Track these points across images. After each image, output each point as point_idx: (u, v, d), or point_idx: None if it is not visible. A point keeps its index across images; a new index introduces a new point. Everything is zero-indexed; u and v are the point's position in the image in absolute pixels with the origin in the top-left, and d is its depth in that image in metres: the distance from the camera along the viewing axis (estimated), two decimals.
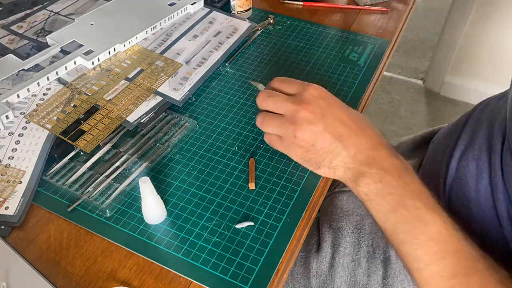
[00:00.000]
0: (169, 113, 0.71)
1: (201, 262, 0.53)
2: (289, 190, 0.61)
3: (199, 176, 0.63)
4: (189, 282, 0.52)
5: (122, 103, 0.70)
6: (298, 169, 0.63)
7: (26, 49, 0.80)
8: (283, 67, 0.81)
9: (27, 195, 0.59)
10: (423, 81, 2.15)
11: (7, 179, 0.60)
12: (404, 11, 0.96)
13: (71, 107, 0.69)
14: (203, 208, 0.59)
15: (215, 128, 0.70)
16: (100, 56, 0.77)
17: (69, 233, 0.57)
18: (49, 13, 0.89)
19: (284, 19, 0.92)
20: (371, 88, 0.78)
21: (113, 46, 0.78)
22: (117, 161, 0.64)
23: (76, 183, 0.61)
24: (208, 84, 0.77)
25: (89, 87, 0.72)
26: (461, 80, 1.98)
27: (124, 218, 0.58)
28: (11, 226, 0.57)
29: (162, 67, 0.77)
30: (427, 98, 2.06)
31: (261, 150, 0.66)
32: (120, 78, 0.74)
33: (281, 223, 0.57)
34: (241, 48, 0.85)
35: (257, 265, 0.53)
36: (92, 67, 0.76)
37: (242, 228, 0.56)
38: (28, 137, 0.65)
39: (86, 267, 0.54)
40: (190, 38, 0.84)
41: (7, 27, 0.85)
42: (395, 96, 2.06)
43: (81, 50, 0.77)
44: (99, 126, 0.66)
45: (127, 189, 0.61)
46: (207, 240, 0.56)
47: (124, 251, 0.55)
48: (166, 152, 0.66)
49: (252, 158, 0.64)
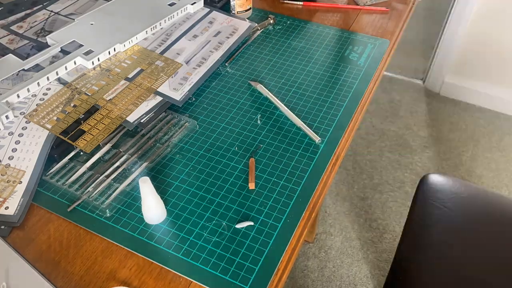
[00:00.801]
0: (169, 113, 0.71)
1: (201, 262, 0.53)
2: (289, 190, 0.61)
3: (199, 176, 0.63)
4: (189, 282, 0.52)
5: (122, 103, 0.70)
6: (298, 169, 0.63)
7: (26, 49, 0.80)
8: (283, 67, 0.81)
9: (27, 195, 0.59)
10: (423, 81, 2.15)
11: (7, 179, 0.60)
12: (404, 11, 0.96)
13: (71, 107, 0.69)
14: (203, 208, 0.59)
15: (215, 128, 0.70)
16: (100, 56, 0.77)
17: (69, 233, 0.57)
18: (49, 13, 0.89)
19: (284, 19, 0.92)
20: (371, 88, 0.78)
21: (113, 46, 0.78)
22: (117, 161, 0.64)
23: (76, 183, 0.61)
24: (208, 84, 0.77)
25: (89, 87, 0.72)
26: (461, 80, 1.98)
27: (124, 218, 0.58)
28: (11, 226, 0.57)
29: (162, 67, 0.77)
30: (427, 98, 2.06)
31: (261, 150, 0.66)
32: (120, 78, 0.74)
33: (281, 223, 0.57)
34: (241, 48, 0.85)
35: (257, 265, 0.53)
36: (92, 67, 0.76)
37: (242, 228, 0.56)
38: (28, 137, 0.65)
39: (86, 267, 0.54)
40: (190, 38, 0.84)
41: (7, 27, 0.85)
42: (395, 96, 2.06)
43: (81, 50, 0.77)
44: (99, 126, 0.66)
45: (127, 189, 0.61)
46: (207, 240, 0.56)
47: (124, 251, 0.55)
48: (166, 152, 0.66)
49: (252, 158, 0.64)
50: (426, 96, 2.08)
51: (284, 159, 0.65)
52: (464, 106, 1.96)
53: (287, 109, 0.72)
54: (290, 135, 0.68)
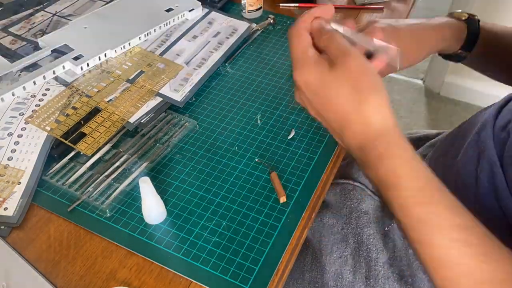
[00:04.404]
0: (169, 113, 0.71)
1: (201, 262, 0.53)
2: (289, 190, 0.61)
3: (199, 176, 0.63)
4: (189, 282, 0.52)
5: (123, 105, 0.70)
6: (298, 169, 0.63)
7: (26, 50, 0.80)
8: (283, 67, 0.81)
9: (26, 196, 0.59)
10: (423, 81, 2.15)
11: (6, 179, 0.60)
12: (404, 11, 0.96)
13: (71, 109, 0.69)
14: (203, 208, 0.59)
15: (215, 128, 0.70)
16: (90, 62, 0.75)
17: (69, 233, 0.57)
18: (48, 15, 0.88)
19: (284, 19, 0.92)
20: None
21: (104, 52, 0.77)
22: (117, 161, 0.64)
23: (76, 183, 0.61)
24: (208, 84, 0.77)
25: (90, 89, 0.72)
26: (461, 80, 1.97)
27: (124, 218, 0.58)
28: (10, 227, 0.57)
29: (163, 69, 0.77)
30: (427, 98, 2.06)
31: (262, 150, 0.66)
32: (121, 80, 0.74)
33: (281, 223, 0.57)
34: (241, 48, 0.85)
35: (257, 265, 0.53)
36: (81, 73, 0.75)
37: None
38: (27, 138, 0.65)
39: (86, 267, 0.54)
40: (189, 39, 0.84)
41: (6, 28, 0.85)
42: (395, 96, 2.06)
43: (71, 55, 0.76)
44: (100, 129, 0.66)
45: (127, 189, 0.61)
46: (207, 240, 0.56)
47: (124, 251, 0.55)
48: (166, 152, 0.66)
49: (274, 172, 0.62)
50: (426, 96, 2.08)
51: (284, 159, 0.65)
52: (464, 106, 1.96)
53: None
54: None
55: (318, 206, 0.61)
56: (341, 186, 0.75)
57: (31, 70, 0.74)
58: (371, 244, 0.68)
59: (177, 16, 0.87)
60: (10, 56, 0.78)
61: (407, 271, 0.65)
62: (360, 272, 0.67)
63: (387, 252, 0.67)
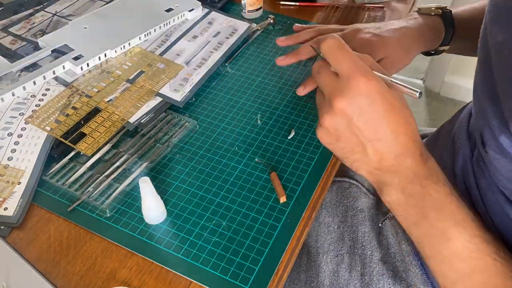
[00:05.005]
0: (169, 113, 0.71)
1: (201, 262, 0.53)
2: (289, 190, 0.61)
3: (199, 176, 0.63)
4: (189, 282, 0.52)
5: (123, 105, 0.70)
6: (298, 169, 0.63)
7: (26, 50, 0.80)
8: (283, 67, 0.81)
9: (26, 196, 0.59)
10: (423, 81, 2.15)
11: (6, 179, 0.60)
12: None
13: (71, 109, 0.69)
14: (203, 208, 0.59)
15: (215, 128, 0.70)
16: (90, 62, 0.75)
17: (69, 233, 0.57)
18: (48, 15, 0.88)
19: (284, 19, 0.92)
20: None
21: (104, 52, 0.77)
22: (117, 161, 0.64)
23: (76, 183, 0.61)
24: (208, 84, 0.77)
25: (90, 89, 0.72)
26: (461, 80, 1.97)
27: (124, 218, 0.58)
28: (10, 227, 0.57)
29: (163, 69, 0.77)
30: (427, 98, 2.06)
31: (262, 150, 0.66)
32: (121, 80, 0.74)
33: (281, 223, 0.57)
34: (241, 48, 0.85)
35: (257, 265, 0.53)
36: (81, 73, 0.75)
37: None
38: (27, 138, 0.65)
39: (86, 267, 0.54)
40: (189, 39, 0.84)
41: (6, 28, 0.85)
42: None
43: (71, 55, 0.76)
44: (100, 129, 0.66)
45: (127, 189, 0.61)
46: (207, 240, 0.56)
47: (124, 251, 0.55)
48: (166, 152, 0.66)
49: (274, 172, 0.62)
50: (426, 96, 2.08)
51: (284, 159, 0.65)
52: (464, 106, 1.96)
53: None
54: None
55: (318, 206, 0.61)
56: (338, 184, 0.75)
57: (31, 70, 0.74)
58: (366, 241, 0.68)
59: (177, 16, 0.87)
60: (10, 56, 0.78)
61: (400, 267, 0.65)
62: (356, 269, 0.68)
63: (381, 249, 0.68)
